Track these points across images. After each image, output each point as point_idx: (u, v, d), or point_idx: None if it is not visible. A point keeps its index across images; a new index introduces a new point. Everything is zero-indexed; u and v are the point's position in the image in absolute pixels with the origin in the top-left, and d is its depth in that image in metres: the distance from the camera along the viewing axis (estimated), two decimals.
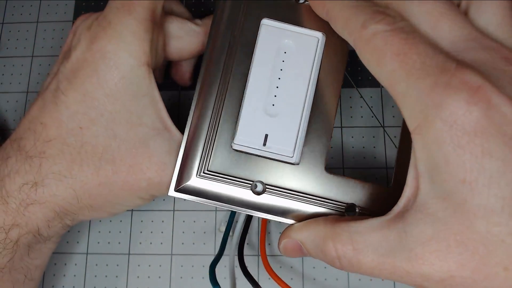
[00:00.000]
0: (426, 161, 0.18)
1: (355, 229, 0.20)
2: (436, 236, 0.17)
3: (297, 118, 0.23)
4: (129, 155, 0.23)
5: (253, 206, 0.23)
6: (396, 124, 0.31)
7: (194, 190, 0.23)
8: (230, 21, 0.24)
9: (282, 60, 0.24)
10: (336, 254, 0.20)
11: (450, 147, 0.16)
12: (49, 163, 0.23)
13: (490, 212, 0.16)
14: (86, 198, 0.24)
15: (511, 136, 0.16)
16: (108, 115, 0.23)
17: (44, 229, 0.24)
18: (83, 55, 0.23)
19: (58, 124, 0.23)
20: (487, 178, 0.16)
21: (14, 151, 0.23)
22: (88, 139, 0.23)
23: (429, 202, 0.18)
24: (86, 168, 0.23)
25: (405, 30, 0.18)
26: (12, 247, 0.23)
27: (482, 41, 0.18)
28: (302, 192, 0.23)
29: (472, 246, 0.17)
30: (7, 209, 0.23)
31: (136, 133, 0.23)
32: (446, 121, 0.16)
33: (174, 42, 0.26)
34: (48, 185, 0.23)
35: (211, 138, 0.23)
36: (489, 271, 0.16)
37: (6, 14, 0.35)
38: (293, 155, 0.23)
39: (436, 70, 0.17)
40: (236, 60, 0.24)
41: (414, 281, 0.18)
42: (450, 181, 0.17)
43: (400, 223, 0.19)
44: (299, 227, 0.22)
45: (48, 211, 0.23)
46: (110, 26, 0.23)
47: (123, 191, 0.24)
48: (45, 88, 0.24)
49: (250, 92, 0.23)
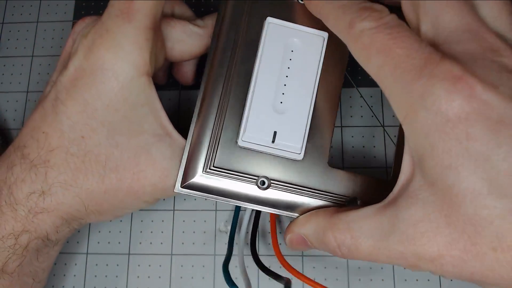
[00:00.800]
0: (415, 149, 0.18)
1: (351, 218, 0.21)
2: (426, 218, 0.18)
3: (304, 116, 0.24)
4: (132, 162, 0.23)
5: (259, 201, 0.23)
6: (396, 123, 0.31)
7: (200, 186, 0.23)
8: (234, 20, 0.24)
9: (289, 58, 0.24)
10: (336, 244, 0.21)
11: (436, 134, 0.17)
12: (54, 172, 0.23)
13: (477, 195, 0.17)
14: (93, 205, 0.24)
15: (495, 121, 0.16)
16: (108, 125, 0.23)
17: (53, 234, 0.24)
18: (80, 65, 0.23)
19: (60, 134, 0.23)
20: (472, 162, 0.16)
21: (18, 159, 0.23)
22: (90, 148, 0.23)
23: (421, 188, 0.18)
24: (91, 177, 0.23)
25: (390, 24, 0.18)
26: (21, 252, 0.23)
27: (479, 33, 0.18)
28: (306, 187, 0.24)
29: (461, 227, 0.17)
30: (16, 216, 0.23)
31: (137, 141, 0.23)
32: (430, 109, 0.17)
33: (176, 45, 0.26)
34: (55, 194, 0.23)
35: (217, 135, 0.23)
36: (478, 251, 0.17)
37: (6, 14, 0.35)
38: (300, 152, 0.24)
39: (421, 62, 0.17)
40: (240, 58, 0.24)
41: (408, 261, 0.19)
42: (436, 167, 0.17)
43: (392, 208, 0.19)
44: (301, 221, 0.23)
45: (57, 218, 0.23)
46: (108, 34, 0.22)
47: (129, 196, 0.24)
48: (44, 96, 0.24)
49: (259, 89, 0.24)
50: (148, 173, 0.24)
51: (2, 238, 0.23)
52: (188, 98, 0.32)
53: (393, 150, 0.30)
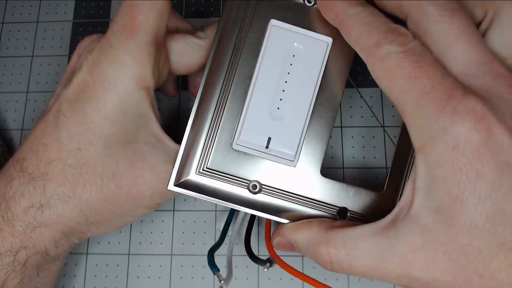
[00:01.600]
0: (425, 177, 0.19)
1: (348, 235, 0.21)
2: (425, 246, 0.19)
3: (301, 124, 0.24)
4: (129, 169, 0.24)
5: (249, 204, 0.23)
6: (396, 124, 0.31)
7: (193, 185, 0.23)
8: (237, 20, 0.24)
9: (290, 63, 0.24)
10: (329, 259, 0.21)
11: (450, 167, 0.18)
12: (53, 185, 0.23)
13: (473, 227, 0.18)
14: (93, 215, 0.24)
15: (503, 162, 0.18)
16: (105, 137, 0.23)
17: (52, 249, 0.24)
18: (84, 79, 0.23)
19: (58, 146, 0.23)
20: (476, 198, 0.18)
21: (17, 172, 0.23)
22: (87, 159, 0.23)
23: (422, 214, 0.19)
24: (89, 187, 0.23)
25: (417, 52, 0.19)
26: (20, 269, 0.23)
27: (493, 66, 0.19)
28: (297, 194, 0.24)
29: (455, 256, 0.19)
30: (13, 232, 0.23)
31: (133, 149, 0.24)
32: (449, 144, 0.18)
33: (180, 58, 0.26)
34: (54, 207, 0.23)
35: (212, 136, 0.23)
36: (467, 277, 0.19)
37: (6, 14, 0.35)
38: (294, 159, 0.24)
39: (444, 94, 0.18)
40: (241, 60, 0.24)
41: (402, 282, 0.20)
42: (444, 198, 0.18)
43: (392, 231, 0.20)
44: (292, 228, 0.23)
45: (55, 232, 0.24)
46: (111, 49, 0.23)
47: (128, 202, 0.24)
48: (48, 109, 0.25)
49: (256, 94, 0.23)
50: (146, 177, 0.24)
51: (0, 256, 0.23)
52: (188, 98, 0.32)
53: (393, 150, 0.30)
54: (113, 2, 0.35)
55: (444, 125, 0.18)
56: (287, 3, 0.24)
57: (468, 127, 0.18)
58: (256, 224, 0.30)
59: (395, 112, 0.31)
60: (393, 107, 0.31)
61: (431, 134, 0.18)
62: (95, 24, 0.34)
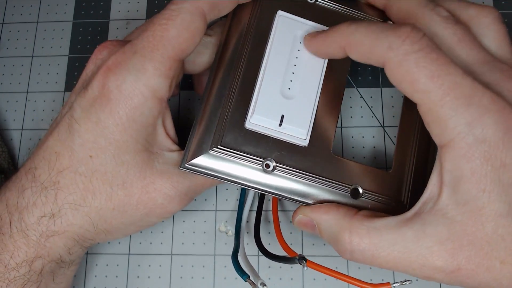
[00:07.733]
0: (452, 172, 0.20)
1: (373, 226, 0.21)
2: (452, 237, 0.20)
3: (311, 102, 0.24)
4: (139, 177, 0.24)
5: (263, 184, 0.24)
6: (396, 124, 0.31)
7: (205, 165, 0.23)
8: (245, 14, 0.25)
9: (298, 49, 0.25)
10: (350, 246, 0.21)
11: (478, 160, 0.19)
12: (64, 194, 0.23)
13: (498, 215, 0.19)
14: (102, 223, 0.24)
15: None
16: (116, 144, 0.23)
17: (66, 256, 0.24)
18: (99, 85, 0.23)
19: (70, 153, 0.23)
20: (501, 187, 0.19)
21: (29, 182, 0.23)
22: (97, 167, 0.23)
23: (450, 207, 0.20)
24: (99, 196, 0.23)
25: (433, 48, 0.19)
26: (36, 278, 0.23)
27: (495, 63, 0.21)
28: (310, 173, 0.24)
29: (479, 245, 0.19)
30: (28, 242, 0.23)
31: (142, 157, 0.24)
32: (477, 137, 0.19)
33: (198, 58, 0.26)
34: (65, 215, 0.23)
35: (225, 116, 0.24)
36: (489, 264, 0.19)
37: (6, 14, 0.35)
38: (306, 138, 0.24)
39: (468, 90, 0.19)
40: (251, 45, 0.24)
41: (425, 273, 0.21)
42: (472, 190, 0.19)
43: (417, 223, 0.21)
44: (318, 209, 0.23)
45: (68, 240, 0.24)
46: (134, 56, 0.23)
47: (138, 211, 0.24)
48: (61, 117, 0.24)
49: (268, 75, 0.24)
50: (157, 183, 0.24)
51: (16, 267, 0.23)
52: (188, 98, 0.32)
53: (393, 150, 0.30)
54: (113, 2, 0.35)
55: (472, 119, 0.19)
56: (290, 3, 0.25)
57: (494, 119, 0.19)
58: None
59: (395, 112, 0.31)
60: (393, 107, 0.31)
61: (459, 129, 0.19)
62: (95, 24, 0.34)
